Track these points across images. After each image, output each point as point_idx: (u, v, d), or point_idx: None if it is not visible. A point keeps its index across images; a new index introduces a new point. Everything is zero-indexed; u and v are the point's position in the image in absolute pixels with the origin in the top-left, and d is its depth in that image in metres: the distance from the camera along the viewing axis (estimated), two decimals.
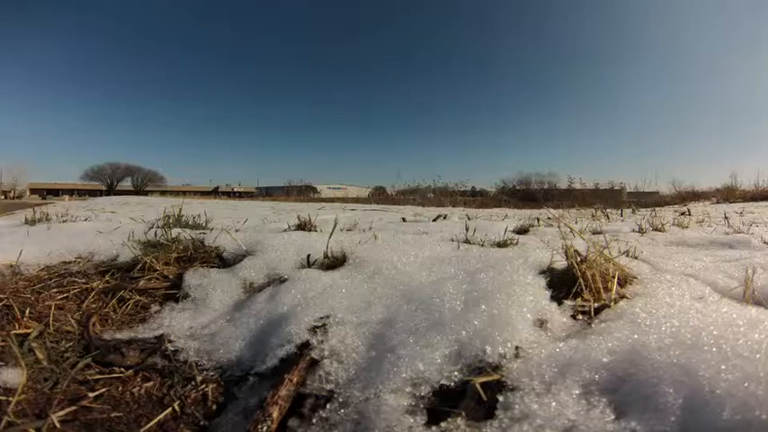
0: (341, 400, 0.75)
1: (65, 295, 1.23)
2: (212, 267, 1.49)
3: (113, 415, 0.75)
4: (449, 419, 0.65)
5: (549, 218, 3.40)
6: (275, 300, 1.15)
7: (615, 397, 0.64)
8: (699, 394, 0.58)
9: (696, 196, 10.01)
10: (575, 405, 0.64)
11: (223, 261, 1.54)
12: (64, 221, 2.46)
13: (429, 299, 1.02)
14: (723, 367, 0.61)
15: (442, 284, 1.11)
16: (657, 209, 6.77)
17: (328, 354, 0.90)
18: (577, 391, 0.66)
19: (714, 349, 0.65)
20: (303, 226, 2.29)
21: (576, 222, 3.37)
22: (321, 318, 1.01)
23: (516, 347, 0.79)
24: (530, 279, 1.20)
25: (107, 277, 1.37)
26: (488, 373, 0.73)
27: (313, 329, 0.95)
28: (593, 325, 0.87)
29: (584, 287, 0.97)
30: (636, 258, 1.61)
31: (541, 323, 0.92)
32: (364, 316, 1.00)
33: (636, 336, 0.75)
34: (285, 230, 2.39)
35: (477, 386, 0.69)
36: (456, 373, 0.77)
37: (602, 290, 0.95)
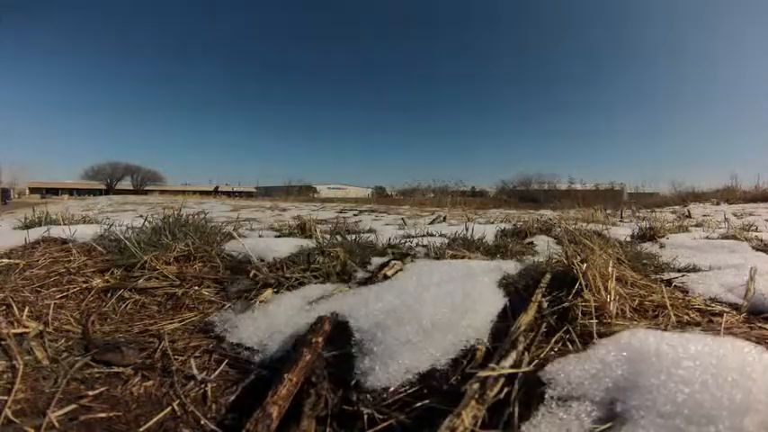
0: (341, 399, 0.75)
1: (64, 294, 1.23)
2: (213, 267, 1.49)
3: (113, 414, 0.75)
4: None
5: (548, 219, 3.40)
6: (278, 302, 1.15)
7: (614, 404, 0.63)
8: (698, 402, 0.57)
9: (696, 197, 10.00)
10: (570, 407, 0.64)
11: (224, 262, 1.54)
12: (64, 222, 2.45)
13: (426, 303, 1.02)
14: (720, 376, 0.60)
15: (440, 288, 1.11)
16: (657, 210, 6.77)
17: (328, 353, 0.90)
18: (575, 394, 0.66)
19: (711, 357, 0.65)
20: (303, 228, 2.29)
21: (576, 224, 3.37)
22: (321, 318, 1.01)
23: (515, 349, 0.79)
24: (529, 280, 1.20)
25: (107, 276, 1.37)
26: (487, 368, 0.72)
27: (313, 330, 0.95)
28: (593, 326, 0.86)
29: (584, 287, 0.97)
30: (636, 260, 1.61)
31: (540, 323, 0.92)
32: (363, 318, 1.00)
33: (636, 340, 0.74)
34: (285, 234, 2.39)
35: (476, 385, 0.69)
36: (453, 376, 0.77)
37: (602, 289, 0.95)
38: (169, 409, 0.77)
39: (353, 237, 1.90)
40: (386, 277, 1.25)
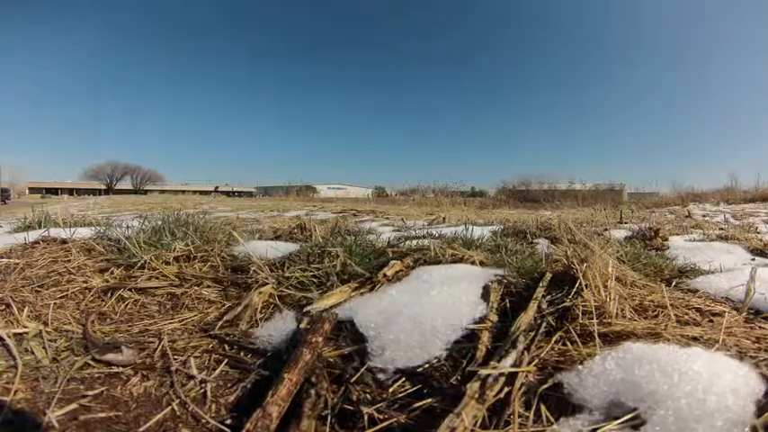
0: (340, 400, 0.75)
1: (64, 294, 1.23)
2: (213, 267, 1.49)
3: (113, 414, 0.75)
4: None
5: (548, 219, 3.41)
6: (277, 301, 1.15)
7: (614, 407, 0.63)
8: (697, 408, 0.57)
9: (696, 197, 10.03)
10: (571, 408, 0.64)
11: (224, 262, 1.53)
12: (63, 222, 2.45)
13: (426, 304, 1.02)
14: (717, 383, 0.60)
15: (440, 288, 1.11)
16: (657, 210, 6.78)
17: (327, 352, 0.90)
18: (576, 395, 0.66)
19: (709, 364, 0.65)
20: (303, 228, 2.29)
21: (576, 225, 3.37)
22: (321, 318, 1.01)
23: (515, 348, 0.79)
24: (529, 281, 1.20)
25: (106, 276, 1.37)
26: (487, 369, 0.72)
27: (313, 330, 0.95)
28: (593, 325, 0.86)
29: (584, 287, 0.97)
30: (635, 261, 1.61)
31: (540, 323, 0.92)
32: (363, 318, 1.00)
33: (637, 347, 0.73)
34: (285, 234, 2.39)
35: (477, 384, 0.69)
36: (451, 374, 0.77)
37: (601, 289, 0.95)
38: (169, 408, 0.77)
39: (353, 237, 1.90)
40: (385, 277, 1.25)
